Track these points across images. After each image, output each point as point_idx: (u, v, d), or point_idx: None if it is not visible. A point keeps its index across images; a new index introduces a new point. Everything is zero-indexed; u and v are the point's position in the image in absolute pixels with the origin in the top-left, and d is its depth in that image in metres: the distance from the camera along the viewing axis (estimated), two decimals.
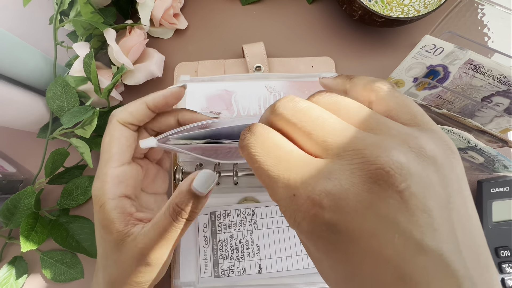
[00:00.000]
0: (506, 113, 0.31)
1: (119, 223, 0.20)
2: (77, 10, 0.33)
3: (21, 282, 0.32)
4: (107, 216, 0.20)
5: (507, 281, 0.32)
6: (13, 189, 0.35)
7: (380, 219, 0.12)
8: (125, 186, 0.21)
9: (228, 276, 0.31)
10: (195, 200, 0.19)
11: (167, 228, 0.20)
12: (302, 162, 0.14)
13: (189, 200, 0.19)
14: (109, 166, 0.21)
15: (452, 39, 0.32)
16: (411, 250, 0.12)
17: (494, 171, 0.30)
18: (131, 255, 0.20)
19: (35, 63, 0.32)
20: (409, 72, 0.34)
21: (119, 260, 0.21)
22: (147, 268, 0.21)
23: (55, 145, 0.36)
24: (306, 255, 0.32)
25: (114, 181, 0.21)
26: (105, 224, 0.21)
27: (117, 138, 0.21)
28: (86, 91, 0.34)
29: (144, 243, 0.20)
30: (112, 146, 0.21)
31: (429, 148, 0.13)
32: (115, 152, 0.21)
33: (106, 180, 0.21)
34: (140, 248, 0.20)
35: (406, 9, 0.39)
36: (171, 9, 0.39)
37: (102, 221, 0.21)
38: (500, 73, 0.29)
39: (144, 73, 0.36)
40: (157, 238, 0.20)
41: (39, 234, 0.31)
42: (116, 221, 0.20)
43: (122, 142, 0.22)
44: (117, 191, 0.21)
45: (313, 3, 0.43)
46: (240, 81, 0.36)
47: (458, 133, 0.29)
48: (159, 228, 0.20)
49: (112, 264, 0.21)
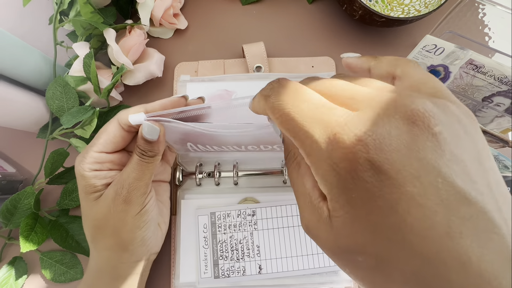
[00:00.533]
0: (507, 113, 0.31)
1: (99, 185, 0.25)
2: (77, 10, 0.33)
3: (20, 282, 0.32)
4: (87, 181, 0.25)
5: None
6: (12, 189, 0.35)
7: (422, 161, 0.12)
8: (100, 166, 0.26)
9: (228, 276, 0.31)
10: (148, 144, 0.24)
11: (136, 162, 0.25)
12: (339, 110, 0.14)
13: (145, 144, 0.24)
14: (91, 149, 0.25)
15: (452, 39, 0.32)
16: (456, 199, 0.12)
17: None
18: (108, 197, 0.25)
19: (35, 63, 0.32)
20: None
21: (96, 211, 0.25)
22: (124, 206, 0.25)
23: (55, 145, 0.36)
24: (306, 255, 0.32)
25: (91, 160, 0.25)
26: (86, 189, 0.25)
27: (108, 132, 0.25)
28: (86, 91, 0.34)
29: (117, 181, 0.25)
30: (101, 136, 0.26)
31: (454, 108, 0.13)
32: (101, 142, 0.25)
33: (85, 157, 0.25)
34: (114, 186, 0.25)
35: (407, 9, 0.39)
36: (171, 9, 0.39)
37: (83, 187, 0.25)
38: (501, 73, 0.29)
39: (144, 73, 0.36)
40: (129, 173, 0.25)
41: (38, 235, 0.31)
42: (97, 184, 0.25)
43: (110, 136, 0.25)
44: (92, 167, 0.25)
45: (313, 3, 0.43)
46: (240, 81, 0.36)
47: None
48: (130, 165, 0.25)
49: (91, 217, 0.26)
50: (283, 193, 0.34)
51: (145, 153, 0.25)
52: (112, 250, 0.26)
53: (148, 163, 0.25)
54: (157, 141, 0.24)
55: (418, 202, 0.12)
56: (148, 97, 0.39)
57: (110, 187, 0.25)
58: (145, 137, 0.24)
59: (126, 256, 0.27)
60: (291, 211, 0.33)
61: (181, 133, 0.25)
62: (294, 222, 0.32)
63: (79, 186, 0.26)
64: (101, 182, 0.25)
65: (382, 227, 0.12)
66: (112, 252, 0.26)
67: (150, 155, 0.25)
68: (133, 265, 0.28)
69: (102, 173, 0.26)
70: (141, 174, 0.25)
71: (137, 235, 0.27)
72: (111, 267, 0.27)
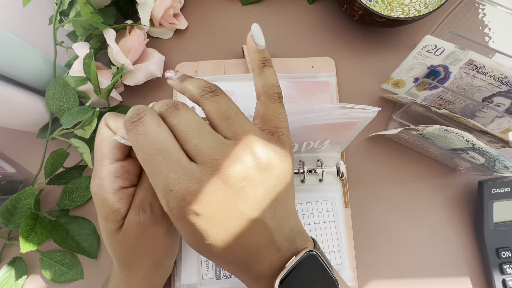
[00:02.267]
0: (507, 113, 0.31)
1: (124, 211, 0.23)
2: (77, 10, 0.33)
3: (20, 283, 0.32)
4: (111, 208, 0.22)
5: (508, 282, 0.32)
6: (12, 189, 0.35)
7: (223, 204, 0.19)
8: (121, 180, 0.23)
9: (230, 277, 0.31)
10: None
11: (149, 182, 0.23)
12: (179, 166, 0.18)
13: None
14: (102, 164, 0.22)
15: (453, 39, 0.32)
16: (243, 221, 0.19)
17: (495, 171, 0.30)
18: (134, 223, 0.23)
19: (35, 63, 0.32)
20: (410, 72, 0.34)
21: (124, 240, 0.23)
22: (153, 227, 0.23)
23: (55, 145, 0.36)
24: None
25: (110, 177, 0.22)
26: (109, 216, 0.23)
27: (106, 137, 0.23)
28: (86, 92, 0.34)
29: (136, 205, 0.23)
30: (103, 145, 0.23)
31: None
32: (107, 150, 0.22)
33: (103, 177, 0.22)
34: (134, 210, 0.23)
35: (407, 9, 0.39)
36: (171, 9, 0.39)
37: (105, 214, 0.23)
38: (501, 73, 0.29)
39: (144, 73, 0.36)
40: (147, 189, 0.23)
41: (38, 235, 0.31)
42: (122, 210, 0.23)
43: (111, 141, 0.22)
44: (115, 185, 0.22)
45: (313, 3, 0.43)
46: (240, 81, 0.36)
47: (458, 134, 0.29)
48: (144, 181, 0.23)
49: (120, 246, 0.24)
50: None
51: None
52: (148, 269, 0.25)
53: None
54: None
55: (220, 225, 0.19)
56: (148, 98, 0.39)
57: (130, 212, 0.23)
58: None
59: (161, 272, 0.27)
60: None
61: None
62: None
63: (100, 214, 0.23)
64: (125, 207, 0.23)
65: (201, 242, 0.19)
66: (148, 271, 0.25)
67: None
68: (165, 276, 0.28)
69: (127, 193, 0.23)
70: None
71: (171, 250, 0.26)
72: (148, 283, 0.26)
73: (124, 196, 0.23)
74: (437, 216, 0.35)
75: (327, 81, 0.37)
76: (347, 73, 0.40)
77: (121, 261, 0.25)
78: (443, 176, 0.36)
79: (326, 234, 0.32)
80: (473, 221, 0.35)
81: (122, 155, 0.23)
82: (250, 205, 0.19)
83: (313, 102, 0.36)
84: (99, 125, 0.23)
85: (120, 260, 0.25)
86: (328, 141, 0.28)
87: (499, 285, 0.32)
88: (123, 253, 0.24)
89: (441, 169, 0.37)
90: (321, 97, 0.36)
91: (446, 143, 0.31)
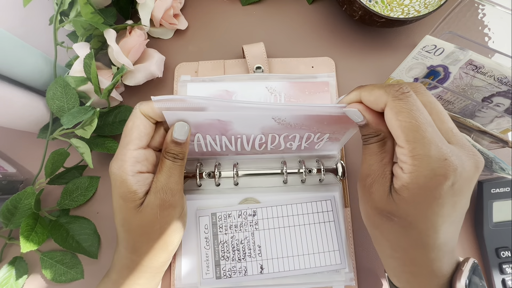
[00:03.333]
0: (506, 113, 0.31)
1: (141, 192, 0.25)
2: (77, 11, 0.33)
3: (21, 282, 0.32)
4: (129, 188, 0.24)
5: (508, 281, 0.32)
6: (13, 189, 0.35)
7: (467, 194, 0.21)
8: (140, 165, 0.25)
9: (230, 277, 0.31)
10: (178, 146, 0.26)
11: (170, 167, 0.25)
12: (445, 142, 0.20)
13: (175, 147, 0.25)
14: (128, 148, 0.25)
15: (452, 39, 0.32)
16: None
17: (493, 171, 0.30)
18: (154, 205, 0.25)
19: (35, 64, 0.32)
20: (410, 72, 0.34)
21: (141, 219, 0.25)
22: (170, 210, 0.26)
23: (55, 145, 0.36)
24: (307, 255, 0.32)
25: (132, 161, 0.25)
26: (128, 196, 0.25)
27: (137, 125, 0.25)
28: (86, 92, 0.34)
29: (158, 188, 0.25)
30: (133, 131, 0.25)
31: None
32: (135, 137, 0.25)
33: (125, 160, 0.25)
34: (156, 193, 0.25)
35: (407, 10, 0.39)
36: (171, 10, 0.39)
37: (123, 194, 0.25)
38: (501, 73, 0.29)
39: (144, 73, 0.36)
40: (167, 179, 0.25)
41: (39, 235, 0.31)
42: (139, 191, 0.25)
43: (141, 129, 0.25)
44: (135, 168, 0.25)
45: (313, 3, 0.43)
46: (240, 82, 0.37)
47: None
48: (164, 170, 0.25)
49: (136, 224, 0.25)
50: (284, 193, 0.34)
51: (177, 156, 0.26)
52: (154, 253, 0.27)
53: (181, 165, 0.26)
54: (186, 141, 0.26)
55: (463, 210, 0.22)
56: (148, 98, 0.38)
57: (151, 194, 0.25)
58: (175, 139, 0.25)
59: (164, 256, 0.28)
60: (292, 211, 0.33)
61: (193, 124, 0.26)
62: (295, 222, 0.33)
63: (117, 193, 0.25)
64: (142, 189, 0.25)
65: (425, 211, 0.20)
66: (153, 255, 0.27)
67: (181, 157, 0.26)
68: (166, 264, 0.29)
69: (143, 177, 0.25)
70: (178, 178, 0.26)
71: (178, 236, 0.28)
72: (149, 267, 0.27)
73: (141, 180, 0.25)
74: None
75: (327, 81, 0.37)
76: (347, 73, 0.40)
77: (130, 242, 0.26)
78: None
79: (326, 234, 0.32)
80: (473, 221, 0.35)
81: (146, 144, 0.26)
82: None
83: (313, 102, 0.36)
84: (133, 112, 0.25)
85: (130, 242, 0.26)
86: (328, 135, 0.29)
87: (499, 285, 0.32)
88: (137, 234, 0.26)
89: None
90: (321, 97, 0.36)
91: None
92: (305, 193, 0.34)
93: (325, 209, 0.33)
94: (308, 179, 0.34)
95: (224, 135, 0.28)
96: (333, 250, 0.32)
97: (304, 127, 0.27)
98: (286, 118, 0.26)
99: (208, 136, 0.28)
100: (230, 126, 0.27)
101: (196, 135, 0.28)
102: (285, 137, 0.29)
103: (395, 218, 0.21)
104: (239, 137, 0.29)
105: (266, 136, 0.28)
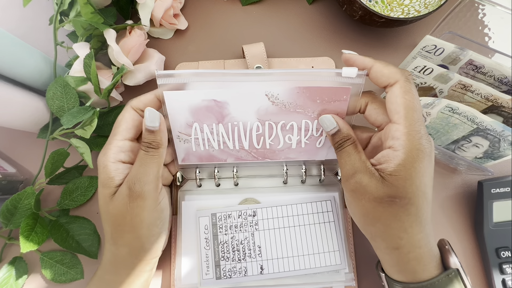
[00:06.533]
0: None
1: (118, 179, 0.26)
2: (77, 11, 0.33)
3: (21, 282, 0.32)
4: (108, 174, 0.26)
5: (508, 281, 0.32)
6: (13, 189, 0.35)
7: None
8: (124, 155, 0.27)
9: (230, 277, 0.31)
10: (152, 134, 0.26)
11: (141, 157, 0.26)
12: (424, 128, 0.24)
13: (149, 135, 0.26)
14: (115, 138, 0.27)
15: (452, 39, 0.32)
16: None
17: (499, 156, 0.30)
18: (123, 194, 0.25)
19: (35, 63, 0.32)
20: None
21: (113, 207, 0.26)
22: (139, 201, 0.25)
23: (55, 145, 0.36)
24: (308, 255, 0.32)
25: (116, 149, 0.26)
26: (105, 182, 0.26)
27: (126, 118, 0.27)
28: (86, 92, 0.34)
29: (129, 178, 0.26)
30: (121, 124, 0.27)
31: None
32: (122, 129, 0.27)
33: (110, 148, 0.26)
34: (126, 182, 0.26)
35: (407, 10, 0.39)
36: (171, 10, 0.39)
37: (103, 180, 0.26)
38: (501, 73, 0.29)
39: (144, 73, 0.36)
40: (138, 168, 0.26)
41: (39, 235, 0.31)
42: (116, 178, 0.26)
43: (129, 122, 0.27)
44: (117, 157, 0.26)
45: (313, 3, 0.43)
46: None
47: (463, 113, 0.28)
48: (137, 160, 0.26)
49: (110, 214, 0.26)
50: (283, 194, 0.34)
51: (149, 144, 0.26)
52: (131, 247, 0.27)
53: (154, 155, 0.26)
54: (159, 130, 0.26)
55: None
56: None
57: (123, 184, 0.26)
58: (147, 126, 0.26)
59: (143, 254, 0.27)
60: (292, 211, 0.33)
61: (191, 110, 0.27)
62: (295, 222, 0.33)
63: (99, 180, 0.27)
64: (119, 177, 0.26)
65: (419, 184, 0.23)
66: (130, 249, 0.27)
67: (154, 146, 0.26)
68: (148, 263, 0.28)
69: (123, 166, 0.26)
70: (149, 168, 0.26)
71: (154, 232, 0.27)
72: (129, 263, 0.27)
73: (120, 168, 0.26)
74: (437, 216, 0.35)
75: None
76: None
77: (109, 233, 0.27)
78: (443, 176, 0.37)
79: (326, 235, 0.32)
80: (473, 221, 0.35)
81: (133, 136, 0.27)
82: None
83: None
84: (125, 107, 0.27)
85: (108, 232, 0.27)
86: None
87: (499, 285, 0.32)
88: (112, 224, 0.27)
89: (441, 169, 0.37)
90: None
91: (448, 135, 0.31)
92: (305, 194, 0.34)
93: (325, 209, 0.33)
94: (308, 180, 0.34)
95: (221, 123, 0.28)
96: (333, 251, 0.32)
97: (299, 110, 0.27)
98: (279, 94, 0.26)
99: (205, 126, 0.28)
100: (226, 109, 0.27)
101: (193, 126, 0.28)
102: (282, 126, 0.29)
103: (396, 199, 0.23)
104: (236, 125, 0.29)
105: (263, 125, 0.29)
